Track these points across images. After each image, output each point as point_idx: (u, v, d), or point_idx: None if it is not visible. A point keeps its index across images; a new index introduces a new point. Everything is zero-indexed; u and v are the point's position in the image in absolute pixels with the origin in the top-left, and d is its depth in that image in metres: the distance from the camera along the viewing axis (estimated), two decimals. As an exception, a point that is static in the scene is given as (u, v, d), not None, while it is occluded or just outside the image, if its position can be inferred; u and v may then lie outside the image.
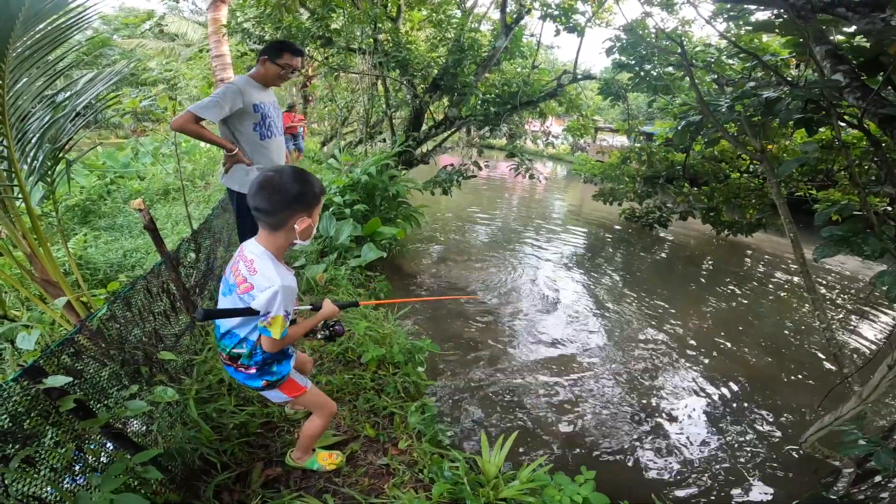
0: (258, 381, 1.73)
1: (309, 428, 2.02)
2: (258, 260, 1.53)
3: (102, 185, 7.40)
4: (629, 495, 2.51)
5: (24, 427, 1.36)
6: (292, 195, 1.47)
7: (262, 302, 1.48)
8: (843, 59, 2.45)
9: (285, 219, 1.49)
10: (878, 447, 2.01)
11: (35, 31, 2.31)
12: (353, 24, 6.78)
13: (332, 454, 2.17)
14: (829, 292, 6.89)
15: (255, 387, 1.76)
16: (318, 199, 1.55)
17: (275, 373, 1.75)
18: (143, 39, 16.94)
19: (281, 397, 1.83)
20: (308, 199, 1.51)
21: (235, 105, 2.78)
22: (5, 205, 2.58)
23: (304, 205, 1.50)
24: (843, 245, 2.19)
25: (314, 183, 1.53)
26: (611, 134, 24.94)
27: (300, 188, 1.48)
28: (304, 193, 1.49)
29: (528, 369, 4.01)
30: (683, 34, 6.43)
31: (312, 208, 1.53)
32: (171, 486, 1.84)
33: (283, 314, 1.50)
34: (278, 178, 1.47)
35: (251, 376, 1.72)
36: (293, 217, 1.49)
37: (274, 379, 1.75)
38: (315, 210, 1.55)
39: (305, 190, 1.49)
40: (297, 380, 1.85)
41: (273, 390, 1.79)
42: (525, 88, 7.25)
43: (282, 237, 1.53)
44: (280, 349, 1.66)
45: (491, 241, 8.09)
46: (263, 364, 1.70)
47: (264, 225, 1.53)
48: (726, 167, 8.40)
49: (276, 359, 1.73)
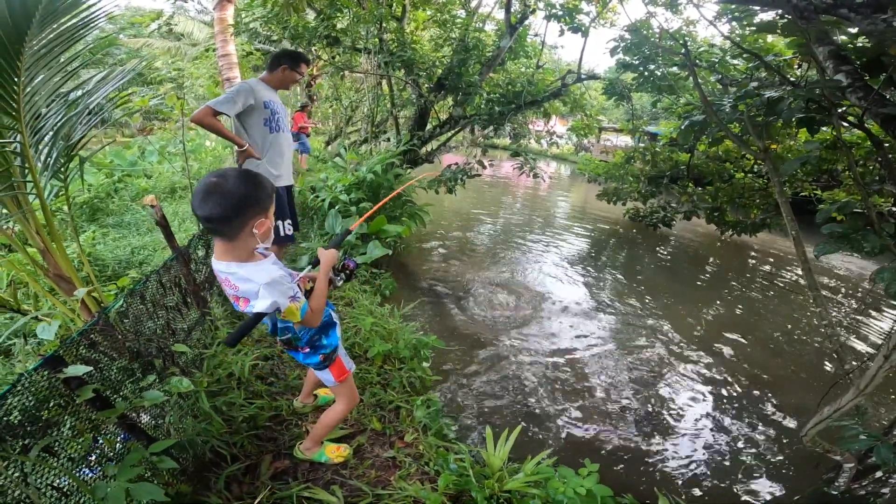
0: (316, 357, 1.82)
1: (329, 415, 2.06)
2: (232, 276, 1.46)
3: (110, 183, 7.47)
4: (632, 489, 2.54)
5: (44, 417, 1.40)
6: (246, 198, 1.37)
7: (263, 306, 1.45)
8: (845, 59, 2.48)
9: (242, 225, 1.39)
10: (878, 442, 2.03)
11: (50, 30, 2.36)
12: (358, 24, 6.82)
13: (339, 447, 2.21)
14: (834, 293, 6.89)
15: (315, 363, 1.85)
16: (272, 198, 1.47)
17: (325, 346, 1.82)
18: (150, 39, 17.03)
19: (332, 381, 1.90)
20: (262, 200, 1.41)
21: (248, 101, 3.02)
22: (20, 200, 2.63)
23: (260, 206, 1.41)
24: (843, 242, 2.22)
25: (264, 182, 1.44)
26: (615, 134, 24.93)
27: (252, 189, 1.38)
28: (257, 195, 1.39)
29: (532, 365, 4.04)
30: (688, 34, 6.45)
31: (268, 209, 1.45)
32: (182, 477, 1.88)
33: (289, 300, 1.50)
34: (225, 183, 1.35)
35: (308, 354, 1.82)
36: (250, 221, 1.40)
37: (328, 351, 1.83)
38: (269, 209, 1.46)
39: (257, 191, 1.40)
40: (345, 361, 1.94)
41: (327, 370, 1.87)
42: (529, 88, 7.28)
43: (241, 245, 1.44)
44: (318, 320, 1.67)
45: (495, 240, 8.12)
46: (311, 341, 1.79)
47: (220, 237, 1.43)
48: (730, 167, 8.40)
49: (321, 333, 1.81)
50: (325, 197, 5.48)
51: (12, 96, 2.31)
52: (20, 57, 2.21)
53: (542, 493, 2.04)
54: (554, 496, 1.99)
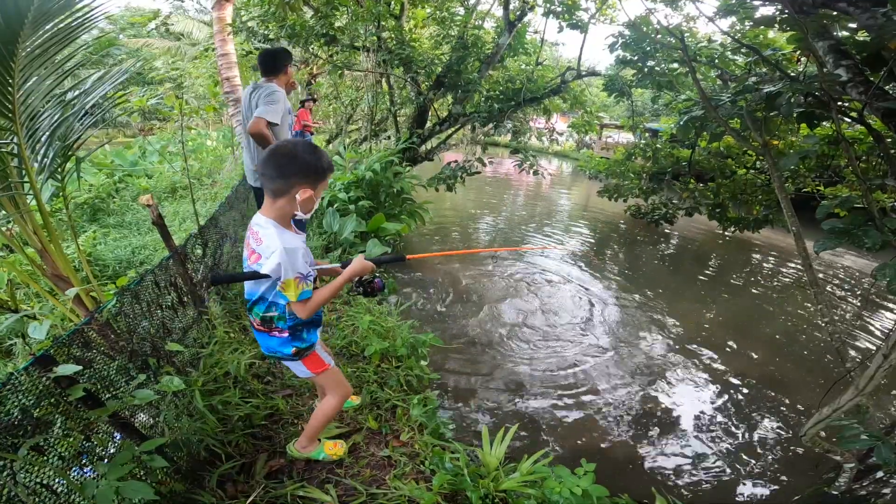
0: (290, 347, 1.78)
1: (323, 409, 2.03)
2: (262, 230, 1.59)
3: (111, 183, 7.50)
4: (629, 488, 2.53)
5: (34, 415, 1.40)
6: (299, 164, 1.54)
7: (269, 267, 1.54)
8: (846, 54, 2.45)
9: (289, 186, 1.54)
10: (879, 442, 2.01)
11: (44, 30, 2.36)
12: (356, 22, 6.81)
13: (336, 443, 2.21)
14: (836, 290, 6.84)
15: (286, 354, 1.80)
16: (324, 173, 1.60)
17: (305, 339, 1.80)
18: (149, 39, 17.03)
19: (304, 372, 1.88)
20: (313, 171, 1.56)
21: (286, 107, 3.19)
22: (17, 201, 2.63)
23: (309, 175, 1.55)
24: (843, 237, 2.19)
25: (322, 158, 1.58)
26: (616, 130, 24.83)
27: (308, 159, 1.54)
28: (310, 164, 1.55)
29: (530, 364, 4.03)
30: (688, 30, 6.40)
31: (316, 182, 1.58)
32: (176, 475, 1.88)
33: (295, 277, 1.55)
34: (290, 147, 1.57)
35: (284, 341, 1.77)
36: (296, 186, 1.54)
37: (304, 346, 1.80)
38: (319, 184, 1.59)
39: (312, 161, 1.55)
40: (322, 355, 1.90)
41: (299, 361, 1.84)
42: (529, 85, 7.25)
43: (284, 205, 1.57)
44: (311, 313, 1.67)
45: (496, 238, 8.10)
46: (295, 329, 1.76)
47: (269, 192, 1.58)
48: (732, 163, 8.34)
49: (306, 325, 1.78)
50: (324, 195, 5.47)
51: (7, 97, 2.31)
52: (14, 57, 2.20)
53: (538, 493, 2.03)
54: (550, 496, 1.98)
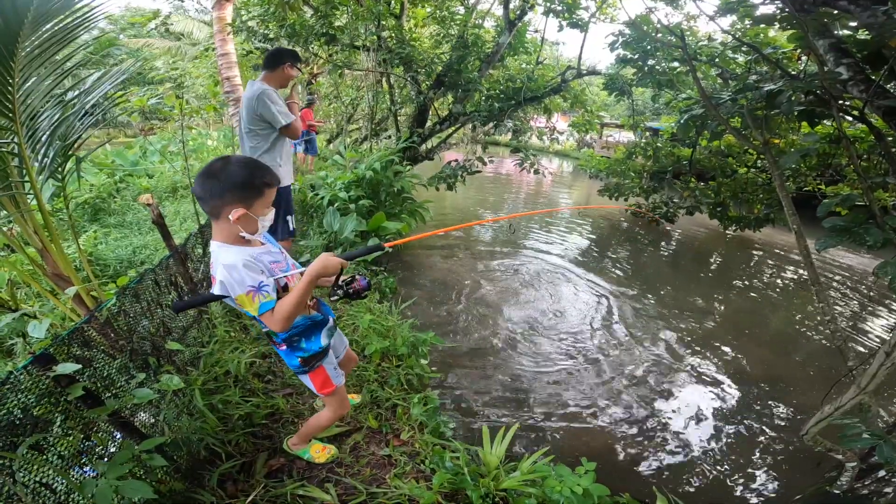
0: (294, 358, 1.75)
1: (318, 419, 2.04)
2: (213, 254, 1.51)
3: (112, 182, 7.51)
4: (630, 487, 2.52)
5: (34, 414, 1.40)
6: (228, 181, 1.41)
7: (216, 288, 1.46)
8: (846, 52, 2.44)
9: (218, 208, 1.44)
10: (881, 440, 2.00)
11: (43, 30, 2.36)
12: (356, 22, 6.81)
13: (325, 447, 2.19)
14: (837, 288, 6.83)
15: (294, 366, 1.77)
16: (258, 189, 1.45)
17: (304, 349, 1.74)
18: (150, 39, 17.05)
19: (312, 388, 1.84)
20: (243, 189, 1.43)
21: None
22: (18, 201, 2.63)
23: (238, 194, 1.43)
24: (844, 235, 2.18)
25: (256, 172, 1.45)
26: (617, 129, 24.80)
27: (238, 174, 1.42)
28: (239, 181, 1.42)
29: (531, 362, 4.03)
30: (688, 29, 6.40)
31: (251, 199, 1.45)
32: (176, 474, 1.88)
33: (246, 292, 1.44)
34: (218, 166, 1.43)
35: (286, 353, 1.75)
36: (223, 207, 1.43)
37: (307, 356, 1.74)
38: (255, 201, 1.46)
39: (242, 177, 1.43)
40: (331, 374, 1.84)
41: (307, 376, 1.80)
42: (529, 84, 7.25)
43: (223, 227, 1.48)
44: (284, 325, 1.51)
45: (496, 237, 8.10)
46: (290, 340, 1.72)
47: (208, 214, 1.51)
48: (733, 162, 8.34)
49: (301, 334, 1.73)
50: (325, 195, 5.47)
51: (7, 97, 2.32)
52: (14, 57, 2.21)
53: (539, 492, 2.03)
54: (550, 495, 1.97)
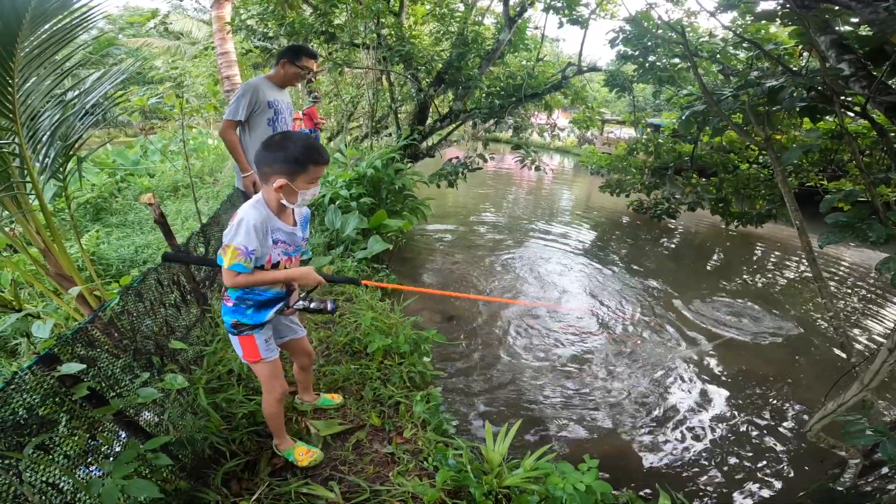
0: (231, 316, 1.76)
1: (263, 410, 2.03)
2: (250, 200, 1.65)
3: (113, 182, 7.52)
4: (633, 484, 2.53)
5: (39, 414, 1.40)
6: (278, 154, 1.55)
7: (228, 230, 1.59)
8: (848, 48, 2.43)
9: (265, 175, 1.59)
10: (884, 437, 1.99)
11: (42, 30, 2.36)
12: (356, 20, 6.79)
13: (309, 450, 2.14)
14: (840, 284, 6.83)
15: (227, 325, 1.79)
16: (303, 165, 1.57)
17: (247, 316, 1.76)
18: (149, 38, 17.04)
19: (238, 351, 1.84)
20: (287, 162, 1.55)
21: (252, 102, 3.04)
22: (19, 201, 2.64)
23: (283, 166, 1.55)
24: (847, 231, 2.18)
25: (304, 150, 1.57)
26: (618, 126, 24.75)
27: (286, 150, 1.55)
28: (288, 155, 1.55)
29: (533, 360, 4.04)
30: (689, 25, 6.37)
31: (294, 172, 1.56)
32: (181, 473, 1.89)
33: (237, 246, 1.55)
34: (277, 139, 1.58)
35: (227, 310, 1.77)
36: (270, 175, 1.57)
37: (242, 321, 1.76)
38: (299, 175, 1.57)
39: (291, 152, 1.55)
40: (260, 346, 1.82)
41: (236, 339, 1.81)
42: (530, 81, 7.23)
43: (269, 192, 1.62)
44: (236, 285, 1.65)
45: (498, 234, 8.10)
46: (242, 300, 1.74)
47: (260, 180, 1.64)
48: (735, 158, 8.32)
49: (252, 301, 1.76)
50: (326, 193, 5.48)
51: (7, 97, 2.32)
52: (13, 58, 2.21)
53: (542, 489, 2.03)
54: (553, 492, 1.98)
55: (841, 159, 6.31)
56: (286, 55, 3.16)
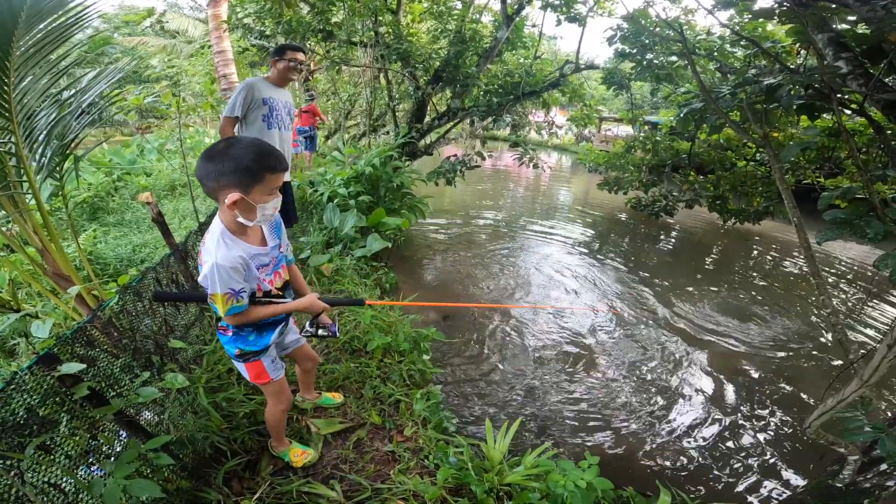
0: (233, 347, 1.70)
1: (266, 418, 2.02)
2: (209, 233, 1.47)
3: (110, 181, 7.49)
4: (633, 481, 2.54)
5: (40, 414, 1.40)
6: (223, 165, 1.35)
7: (203, 276, 1.44)
8: (845, 46, 2.44)
9: (215, 191, 1.40)
10: (883, 434, 2.00)
11: (37, 29, 2.35)
12: (353, 18, 6.76)
13: (304, 451, 2.14)
14: (838, 280, 6.85)
15: (231, 354, 1.74)
16: (255, 174, 1.37)
17: (250, 342, 1.70)
18: (145, 37, 16.97)
19: (246, 376, 1.80)
20: (238, 172, 1.35)
21: (247, 100, 3.17)
22: (16, 201, 2.63)
23: (232, 178, 1.36)
24: (845, 228, 2.19)
25: (256, 157, 1.37)
26: (615, 123, 24.76)
27: (235, 159, 1.35)
28: (236, 165, 1.35)
29: (532, 358, 4.04)
30: (686, 23, 6.37)
31: (246, 185, 1.37)
32: (182, 473, 1.88)
33: (225, 293, 1.44)
34: (220, 147, 1.38)
35: (228, 340, 1.69)
36: (219, 191, 1.38)
37: (248, 349, 1.70)
38: (253, 187, 1.38)
39: (238, 161, 1.35)
40: (268, 368, 1.78)
41: (242, 364, 1.76)
42: (527, 79, 7.22)
43: (224, 211, 1.44)
44: (242, 323, 1.59)
45: (496, 231, 8.10)
46: (238, 328, 1.66)
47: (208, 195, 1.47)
48: (732, 155, 8.33)
49: (255, 328, 1.70)
50: (324, 191, 5.47)
51: (3, 96, 2.31)
52: (9, 57, 2.20)
53: (542, 487, 2.04)
54: (554, 489, 1.98)
55: (838, 157, 6.33)
56: (273, 55, 3.34)
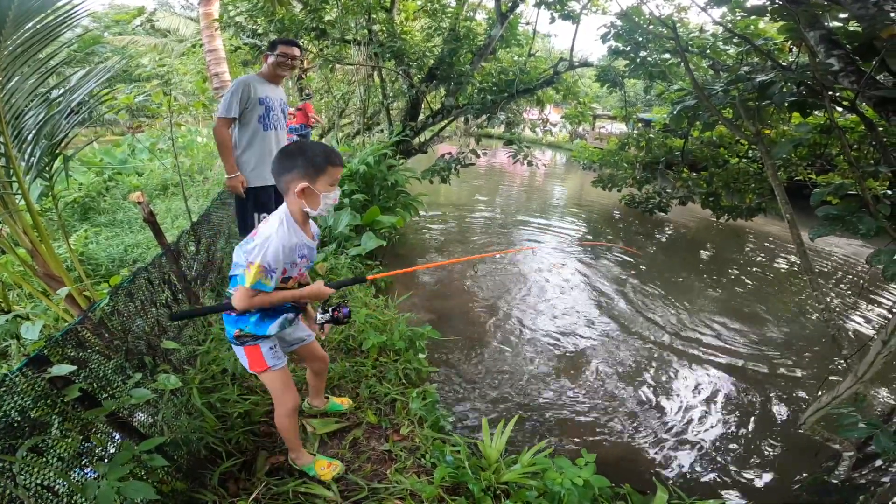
0: (233, 326, 1.73)
1: (276, 423, 1.97)
2: (274, 216, 1.64)
3: (101, 181, 7.41)
4: (630, 479, 2.54)
5: (31, 417, 1.38)
6: (294, 161, 1.57)
7: (251, 248, 1.56)
8: (837, 44, 2.45)
9: (286, 183, 1.59)
10: (877, 430, 2.01)
11: (25, 28, 2.32)
12: (346, 15, 6.74)
13: (331, 463, 2.08)
14: (831, 275, 6.91)
15: (229, 335, 1.76)
16: (320, 167, 1.58)
17: (251, 325, 1.72)
18: (135, 36, 16.81)
19: (244, 362, 1.81)
20: (305, 166, 1.56)
21: (244, 96, 3.06)
22: (5, 201, 2.59)
23: (302, 170, 1.56)
24: (838, 224, 2.20)
25: (319, 152, 1.59)
26: (609, 121, 24.82)
27: (304, 155, 1.57)
28: (306, 159, 1.56)
29: (528, 356, 4.05)
30: (679, 21, 6.39)
31: (314, 175, 1.57)
32: (177, 474, 1.87)
33: (263, 266, 1.53)
34: (293, 147, 1.61)
35: (230, 320, 1.74)
36: (291, 182, 1.58)
37: (247, 332, 1.73)
38: (319, 177, 1.58)
39: (307, 157, 1.57)
40: (266, 354, 1.78)
41: (241, 349, 1.77)
42: (522, 76, 7.22)
43: (291, 202, 1.63)
44: (244, 308, 1.63)
45: (491, 229, 8.10)
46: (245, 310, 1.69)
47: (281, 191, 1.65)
48: (725, 152, 8.39)
49: (260, 312, 1.72)
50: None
51: (-9, 95, 2.27)
52: (-3, 55, 2.16)
53: (540, 485, 2.03)
54: (551, 487, 1.98)
55: (830, 153, 6.38)
56: (266, 51, 3.29)
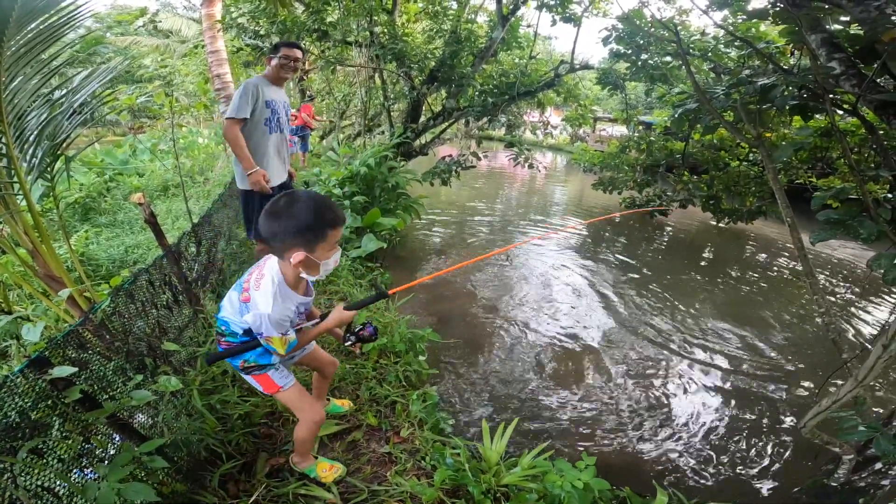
0: (238, 358, 1.72)
1: (296, 433, 1.95)
2: (266, 279, 1.51)
3: (102, 182, 7.42)
4: (630, 482, 2.54)
5: (32, 418, 1.38)
6: (286, 225, 1.39)
7: (250, 320, 1.51)
8: (838, 47, 2.45)
9: (281, 250, 1.44)
10: (877, 433, 2.01)
11: (28, 29, 2.32)
12: (348, 17, 6.75)
13: (333, 466, 2.07)
14: (831, 280, 6.90)
15: (235, 366, 1.75)
16: (318, 232, 1.41)
17: (253, 355, 1.71)
18: (137, 37, 16.83)
19: (258, 388, 1.80)
20: (301, 232, 1.40)
21: (253, 98, 3.12)
22: (7, 202, 2.59)
23: (296, 238, 1.40)
24: (839, 228, 2.20)
25: (315, 213, 1.40)
26: (610, 123, 24.83)
27: (296, 218, 1.39)
28: (298, 224, 1.39)
29: (528, 358, 4.04)
30: (680, 23, 6.40)
31: (311, 243, 1.41)
32: (177, 476, 1.86)
33: (279, 333, 1.52)
34: (282, 205, 1.40)
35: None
36: (284, 250, 1.43)
37: (250, 361, 1.72)
38: (317, 245, 1.42)
39: (300, 220, 1.39)
40: (274, 377, 1.77)
41: (249, 376, 1.77)
42: (523, 79, 7.23)
43: (287, 267, 1.50)
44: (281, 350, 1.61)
45: (491, 231, 8.10)
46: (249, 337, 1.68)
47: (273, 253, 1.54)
48: (726, 155, 8.39)
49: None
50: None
51: (-7, 95, 2.28)
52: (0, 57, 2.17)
53: (540, 487, 2.03)
54: (551, 490, 1.98)
55: (830, 157, 6.38)
56: (269, 53, 3.33)
